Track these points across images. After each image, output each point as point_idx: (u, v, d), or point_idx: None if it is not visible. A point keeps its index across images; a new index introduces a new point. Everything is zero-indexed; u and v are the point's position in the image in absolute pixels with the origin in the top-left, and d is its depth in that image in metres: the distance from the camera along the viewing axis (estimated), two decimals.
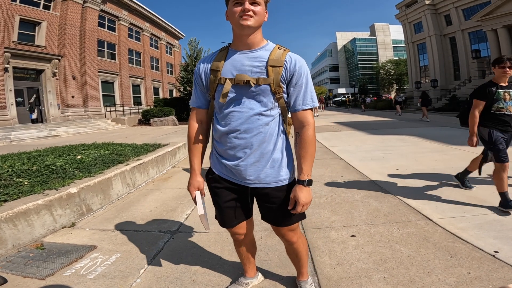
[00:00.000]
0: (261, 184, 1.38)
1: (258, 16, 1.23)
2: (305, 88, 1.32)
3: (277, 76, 1.27)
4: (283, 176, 1.39)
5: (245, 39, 1.28)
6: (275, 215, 1.44)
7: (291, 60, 1.29)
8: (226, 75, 1.30)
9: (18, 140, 12.35)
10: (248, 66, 1.29)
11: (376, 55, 69.13)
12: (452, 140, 7.35)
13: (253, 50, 1.30)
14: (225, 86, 1.29)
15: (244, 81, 1.27)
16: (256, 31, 1.28)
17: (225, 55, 1.34)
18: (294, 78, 1.30)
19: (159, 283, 1.90)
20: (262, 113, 1.31)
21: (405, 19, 31.71)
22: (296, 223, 1.49)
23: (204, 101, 1.46)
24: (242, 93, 1.30)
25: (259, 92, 1.29)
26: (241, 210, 1.51)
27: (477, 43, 24.22)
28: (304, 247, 1.61)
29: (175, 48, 36.16)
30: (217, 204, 1.51)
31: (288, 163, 1.41)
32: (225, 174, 1.43)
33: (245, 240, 1.62)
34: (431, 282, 1.75)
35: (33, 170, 3.77)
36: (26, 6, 16.71)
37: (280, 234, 1.53)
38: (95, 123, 17.93)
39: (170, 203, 3.58)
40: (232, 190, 1.45)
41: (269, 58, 1.28)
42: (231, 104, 1.32)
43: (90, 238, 2.68)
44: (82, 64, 20.12)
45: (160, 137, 11.36)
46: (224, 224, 1.55)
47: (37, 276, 2.04)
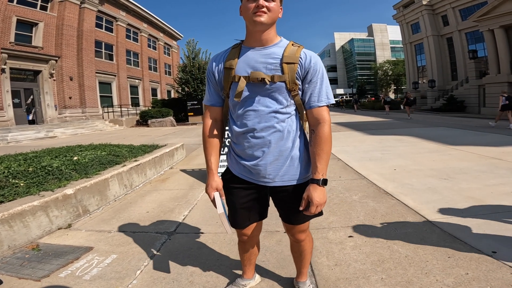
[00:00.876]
0: (281, 182, 1.35)
1: (272, 13, 1.21)
2: (321, 84, 1.30)
3: (292, 73, 1.25)
4: (303, 174, 1.37)
5: (259, 36, 1.26)
6: (293, 213, 1.43)
7: (306, 56, 1.27)
8: (240, 73, 1.28)
9: (15, 142, 12.29)
10: (262, 63, 1.26)
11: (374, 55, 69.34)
12: (449, 140, 7.37)
13: (267, 47, 1.28)
14: (239, 84, 1.26)
15: (259, 78, 1.24)
16: (269, 28, 1.25)
17: (238, 52, 1.32)
18: (309, 74, 1.28)
19: (156, 285, 1.89)
20: (278, 111, 1.28)
21: (403, 20, 31.82)
22: (308, 222, 1.49)
23: (218, 99, 1.43)
24: (257, 91, 1.28)
25: (274, 90, 1.27)
26: (257, 211, 1.49)
27: (474, 43, 24.33)
28: (310, 246, 1.60)
29: (173, 49, 36.13)
30: (233, 205, 1.48)
31: (308, 160, 1.39)
32: (244, 175, 1.40)
33: (252, 241, 1.61)
34: (429, 283, 1.74)
35: (29, 171, 3.74)
36: (23, 6, 16.65)
37: (291, 232, 1.52)
38: (92, 124, 17.88)
39: (167, 204, 3.56)
40: (251, 191, 1.42)
41: (283, 55, 1.26)
42: (246, 102, 1.30)
43: (87, 239, 2.65)
44: (79, 65, 20.05)
45: (158, 138, 11.33)
46: (236, 225, 1.52)
47: (32, 278, 2.02)
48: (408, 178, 4.14)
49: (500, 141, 7.09)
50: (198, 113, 19.61)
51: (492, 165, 4.59)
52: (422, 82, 30.47)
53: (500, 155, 5.30)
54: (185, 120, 20.48)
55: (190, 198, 3.74)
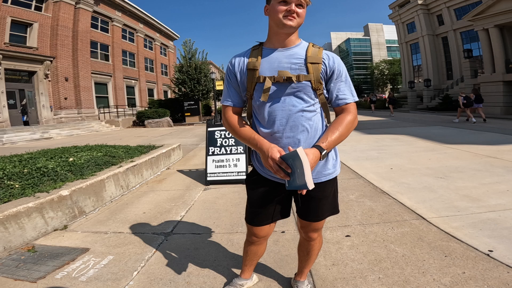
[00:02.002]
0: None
1: (301, 18, 1.25)
2: (345, 83, 1.34)
3: (317, 72, 1.28)
4: (330, 170, 1.39)
5: (283, 38, 1.29)
6: (311, 209, 1.44)
7: (328, 57, 1.32)
8: (265, 73, 1.29)
9: (11, 143, 12.17)
10: (286, 64, 1.28)
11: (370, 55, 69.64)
12: (445, 139, 7.42)
13: (289, 48, 1.31)
14: (265, 84, 1.27)
15: (285, 77, 1.26)
16: (295, 31, 1.30)
17: (260, 53, 1.33)
18: (334, 74, 1.31)
19: (153, 286, 1.88)
20: (305, 109, 1.30)
21: (398, 19, 31.95)
22: (323, 220, 1.50)
23: (238, 99, 1.42)
24: (282, 91, 1.29)
25: (300, 89, 1.29)
26: (280, 210, 1.49)
27: (469, 43, 24.47)
28: (318, 248, 1.61)
29: (169, 49, 36.00)
30: (258, 204, 1.47)
31: (335, 157, 1.42)
32: (271, 176, 1.40)
33: (261, 242, 1.60)
34: (426, 282, 1.75)
35: (24, 172, 3.71)
36: (18, 7, 16.52)
37: (305, 229, 1.53)
38: (88, 125, 17.76)
39: (164, 205, 3.54)
40: (278, 191, 1.42)
41: (307, 56, 1.29)
42: (272, 102, 1.31)
43: (83, 240, 2.64)
44: (75, 66, 19.91)
45: (154, 138, 11.29)
46: (255, 223, 1.50)
47: (28, 279, 2.01)
48: (405, 177, 4.16)
49: (495, 139, 7.15)
50: (195, 113, 19.58)
51: (487, 164, 4.62)
52: (418, 82, 30.63)
53: (495, 154, 5.34)
54: (182, 121, 20.44)
55: (187, 198, 3.73)
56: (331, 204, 1.48)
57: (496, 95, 18.08)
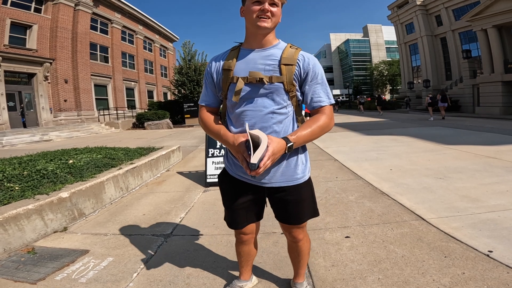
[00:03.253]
0: (278, 183, 1.36)
1: (275, 18, 1.25)
2: (321, 85, 1.33)
3: (290, 74, 1.27)
4: (299, 175, 1.38)
5: (260, 39, 1.29)
6: (289, 214, 1.44)
7: (304, 58, 1.30)
8: (239, 74, 1.30)
9: (10, 145, 12.17)
10: (261, 65, 1.29)
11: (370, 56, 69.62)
12: (444, 140, 7.43)
13: (266, 49, 1.31)
14: (237, 85, 1.28)
15: (257, 78, 1.26)
16: (271, 31, 1.29)
17: (236, 54, 1.34)
18: (309, 76, 1.30)
19: (152, 287, 1.88)
20: (275, 112, 1.29)
21: (397, 20, 32.04)
22: (305, 222, 1.50)
23: (213, 100, 1.44)
24: (255, 92, 1.29)
25: (272, 90, 1.28)
26: (254, 212, 1.49)
27: (467, 43, 24.52)
28: (307, 247, 1.61)
29: (169, 50, 36.06)
30: (230, 206, 1.49)
31: (305, 161, 1.41)
32: (241, 176, 1.40)
33: (249, 242, 1.60)
34: (426, 283, 1.74)
35: (24, 175, 3.71)
36: (17, 9, 16.57)
37: (288, 232, 1.53)
38: (88, 127, 17.76)
39: (164, 206, 3.54)
40: (248, 192, 1.42)
41: (281, 57, 1.28)
42: (244, 103, 1.31)
43: (82, 242, 2.64)
44: (74, 68, 19.94)
45: (154, 140, 11.29)
46: (234, 225, 1.52)
47: (28, 281, 2.01)
48: (404, 178, 4.16)
49: (494, 140, 7.16)
50: (194, 115, 19.58)
51: (487, 164, 4.63)
52: (417, 82, 30.68)
53: (495, 154, 5.34)
54: (181, 122, 20.44)
55: (187, 200, 3.73)
56: (310, 207, 1.48)
57: (495, 95, 18.11)
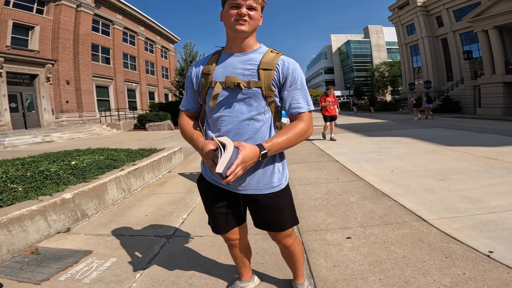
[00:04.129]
0: (253, 191, 1.34)
1: (254, 21, 1.23)
2: (300, 91, 1.30)
3: (268, 79, 1.25)
4: (275, 183, 1.36)
5: (239, 42, 1.28)
6: (268, 221, 1.43)
7: (283, 63, 1.27)
8: (217, 78, 1.28)
9: (12, 146, 12.21)
10: (239, 69, 1.27)
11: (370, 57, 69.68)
12: (445, 141, 7.44)
13: (246, 53, 1.29)
14: (215, 89, 1.26)
15: (234, 83, 1.24)
16: (250, 35, 1.28)
17: (217, 58, 1.34)
18: (287, 81, 1.27)
19: (155, 287, 1.90)
20: (253, 118, 1.27)
21: (398, 21, 32.04)
22: (291, 228, 1.49)
23: (193, 105, 1.44)
24: (233, 97, 1.27)
25: (250, 96, 1.26)
26: (233, 216, 1.48)
27: (468, 44, 24.52)
28: (299, 249, 1.61)
29: (170, 52, 36.15)
30: (209, 211, 1.49)
31: (281, 169, 1.39)
32: (216, 181, 1.38)
33: (239, 244, 1.60)
34: (427, 283, 1.76)
35: (27, 176, 3.74)
36: (19, 10, 16.63)
37: (275, 239, 1.52)
38: (90, 128, 17.81)
39: (166, 207, 3.56)
40: (224, 197, 1.42)
41: (261, 61, 1.26)
42: (221, 108, 1.29)
43: (85, 243, 2.66)
44: (76, 69, 20.01)
45: (155, 141, 11.32)
46: (217, 230, 1.52)
47: (32, 281, 2.03)
48: (405, 179, 4.18)
49: (495, 141, 7.16)
50: None
51: (487, 165, 4.64)
52: (418, 83, 30.65)
53: (495, 155, 5.35)
54: None
55: (189, 201, 3.75)
56: (289, 214, 1.46)
57: (496, 96, 18.09)
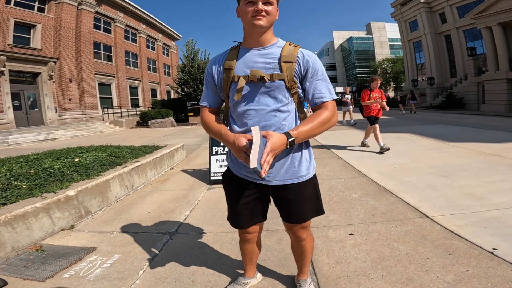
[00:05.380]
0: (282, 181, 1.36)
1: (271, 16, 1.24)
2: (322, 81, 1.32)
3: (291, 71, 1.28)
4: (303, 172, 1.38)
5: (257, 37, 1.29)
6: (292, 212, 1.44)
7: (303, 55, 1.30)
8: (239, 73, 1.30)
9: (16, 144, 12.28)
10: (261, 63, 1.29)
11: (373, 53, 69.18)
12: (449, 137, 7.40)
13: (265, 48, 1.31)
14: (239, 83, 1.28)
15: (258, 77, 1.26)
16: (268, 30, 1.29)
17: (236, 53, 1.34)
18: (309, 72, 1.30)
19: (158, 284, 1.90)
20: (278, 109, 1.30)
21: (401, 18, 31.80)
22: (309, 221, 1.50)
23: (214, 100, 1.45)
24: (257, 90, 1.29)
25: (273, 88, 1.28)
26: (259, 211, 1.49)
27: (472, 41, 24.32)
28: (310, 245, 1.61)
29: (172, 49, 36.11)
30: (234, 205, 1.49)
31: (309, 157, 1.41)
32: (244, 175, 1.41)
33: (253, 241, 1.62)
34: (430, 280, 1.75)
35: (31, 173, 3.76)
36: (21, 9, 16.63)
37: (291, 231, 1.53)
38: (92, 126, 17.86)
39: (168, 204, 3.57)
40: (252, 191, 1.43)
41: (281, 55, 1.28)
42: (246, 102, 1.31)
43: (89, 240, 2.67)
44: (78, 67, 20.05)
45: (158, 139, 11.34)
46: (238, 225, 1.52)
47: (36, 278, 2.04)
48: (408, 175, 4.16)
49: (499, 137, 7.10)
50: (198, 114, 19.58)
51: (491, 162, 4.61)
52: (421, 80, 30.48)
53: (499, 152, 5.31)
54: (185, 121, 20.48)
55: (191, 198, 3.76)
56: (314, 205, 1.47)
57: (500, 93, 17.96)
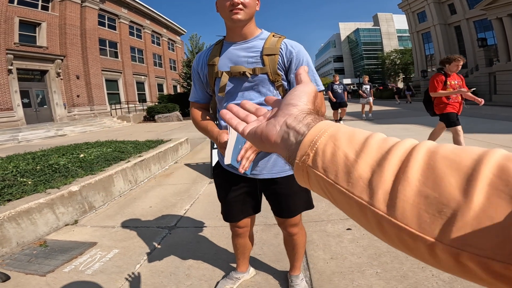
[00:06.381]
0: (269, 175, 1.35)
1: (249, 8, 1.20)
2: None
3: (273, 64, 1.25)
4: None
5: (239, 31, 1.27)
6: (281, 207, 1.44)
7: (286, 46, 1.26)
8: (223, 68, 1.29)
9: (26, 141, 12.51)
10: (243, 57, 1.27)
11: (381, 45, 67.92)
12: None
13: (248, 41, 1.28)
14: (222, 79, 1.27)
15: (240, 72, 1.25)
16: (248, 22, 1.25)
17: (220, 48, 1.33)
18: (293, 64, 1.26)
19: (154, 278, 1.94)
20: (262, 103, 1.26)
21: (408, 9, 31.03)
22: (299, 215, 1.50)
23: (202, 96, 1.45)
24: (241, 85, 1.28)
25: (257, 83, 1.27)
26: (249, 204, 1.50)
27: (483, 32, 23.61)
28: (302, 240, 1.61)
29: (177, 44, 36.09)
30: (225, 199, 1.50)
31: None
32: (233, 168, 1.42)
33: (245, 234, 1.62)
34: (425, 278, 1.72)
35: (37, 169, 3.84)
36: (24, 7, 16.70)
37: (283, 226, 1.53)
38: (101, 121, 18.08)
39: (170, 198, 3.61)
40: (241, 184, 1.43)
41: (263, 47, 1.25)
42: (231, 97, 1.30)
43: (91, 235, 2.72)
44: (85, 64, 20.23)
45: (164, 133, 11.41)
46: (229, 219, 1.53)
47: (38, 273, 2.10)
48: None
49: (510, 128, 6.90)
50: None
51: None
52: (431, 71, 29.80)
53: (509, 143, 5.18)
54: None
55: (193, 192, 3.79)
56: (303, 199, 1.47)
57: (511, 83, 17.48)
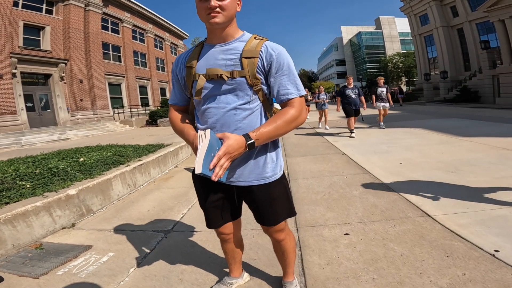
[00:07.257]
0: (246, 182, 1.32)
1: (227, 11, 1.16)
2: (288, 76, 1.24)
3: (252, 67, 1.21)
4: (269, 173, 1.33)
5: (218, 33, 1.24)
6: (262, 214, 1.41)
7: (266, 49, 1.22)
8: (200, 71, 1.26)
9: (29, 145, 12.56)
10: (221, 60, 1.23)
11: (383, 48, 67.82)
12: (460, 132, 7.16)
13: (228, 43, 1.25)
14: (198, 82, 1.24)
15: (217, 75, 1.21)
16: (228, 24, 1.22)
17: (199, 50, 1.30)
18: (272, 67, 1.22)
19: (146, 282, 1.91)
20: (238, 107, 1.24)
21: (410, 11, 31.01)
22: (284, 222, 1.46)
23: (181, 98, 1.42)
24: (218, 88, 1.24)
25: (235, 86, 1.23)
26: (228, 210, 1.47)
27: (486, 34, 23.50)
28: (291, 245, 1.57)
29: (179, 48, 36.30)
30: (203, 205, 1.48)
31: (275, 158, 1.35)
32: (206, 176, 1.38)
33: (232, 239, 1.58)
34: (422, 284, 1.67)
35: (36, 173, 3.84)
36: (29, 11, 16.83)
37: (268, 232, 1.50)
38: (104, 125, 18.16)
39: (167, 202, 3.59)
40: (218, 190, 1.40)
41: (243, 50, 1.22)
42: (207, 100, 1.27)
43: (87, 238, 2.71)
44: (88, 67, 20.37)
45: (165, 137, 11.40)
46: (210, 225, 1.50)
47: (31, 275, 2.09)
48: (414, 171, 4.04)
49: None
50: None
51: (502, 157, 4.42)
52: (434, 73, 29.68)
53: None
54: None
55: (191, 196, 3.76)
56: (284, 206, 1.42)
57: None
